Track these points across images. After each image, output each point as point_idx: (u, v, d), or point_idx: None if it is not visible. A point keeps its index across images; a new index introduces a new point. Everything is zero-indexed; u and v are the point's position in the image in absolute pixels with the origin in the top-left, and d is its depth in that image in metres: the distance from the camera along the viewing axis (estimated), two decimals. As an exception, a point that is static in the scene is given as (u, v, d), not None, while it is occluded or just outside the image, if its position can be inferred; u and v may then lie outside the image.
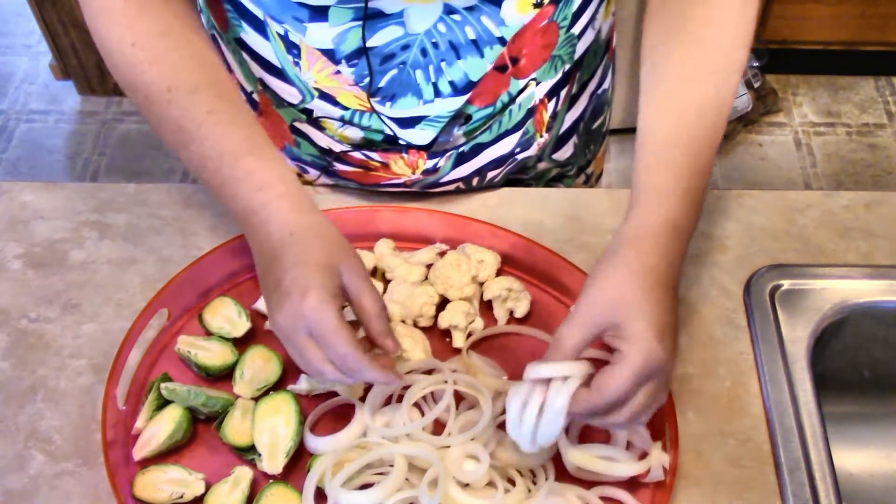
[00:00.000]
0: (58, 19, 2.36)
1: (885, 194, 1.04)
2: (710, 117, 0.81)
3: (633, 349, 0.71)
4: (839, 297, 0.95)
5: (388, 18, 0.83)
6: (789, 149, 2.47)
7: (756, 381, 0.89)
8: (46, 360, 0.90)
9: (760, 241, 1.00)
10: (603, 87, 1.08)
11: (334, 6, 0.82)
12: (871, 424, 1.08)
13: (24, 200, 1.03)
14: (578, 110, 1.04)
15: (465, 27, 0.85)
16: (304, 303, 0.73)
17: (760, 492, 0.82)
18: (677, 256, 0.77)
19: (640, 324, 0.72)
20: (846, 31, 2.39)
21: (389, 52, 0.86)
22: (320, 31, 0.85)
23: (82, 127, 2.54)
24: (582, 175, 1.15)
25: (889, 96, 2.58)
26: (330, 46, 0.86)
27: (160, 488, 0.80)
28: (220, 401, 0.84)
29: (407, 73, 0.88)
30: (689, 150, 0.80)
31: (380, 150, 0.96)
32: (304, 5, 0.83)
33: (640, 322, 0.72)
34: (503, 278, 0.93)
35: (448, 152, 0.97)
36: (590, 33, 0.96)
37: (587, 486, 0.81)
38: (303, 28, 0.85)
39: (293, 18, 0.84)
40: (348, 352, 0.73)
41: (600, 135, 1.15)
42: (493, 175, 1.02)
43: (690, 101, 0.81)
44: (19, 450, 0.85)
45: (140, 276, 0.96)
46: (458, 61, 0.87)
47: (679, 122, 0.81)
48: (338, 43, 0.85)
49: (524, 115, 0.96)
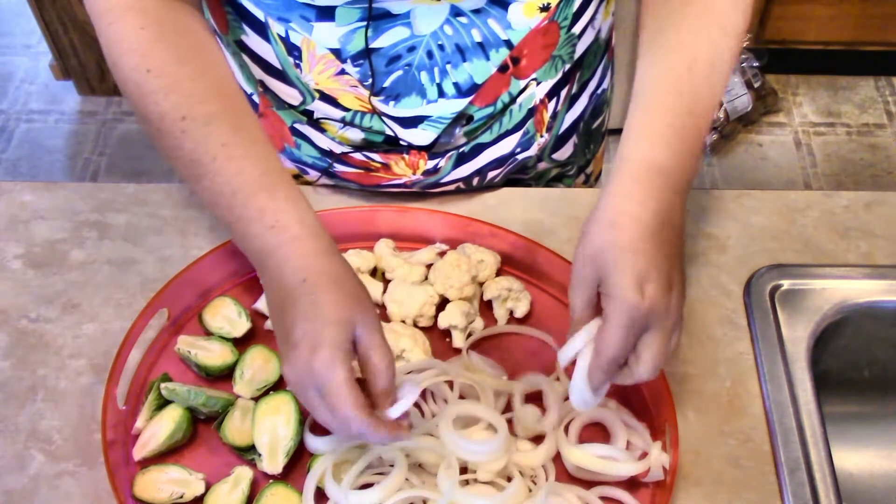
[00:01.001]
0: (58, 19, 2.36)
1: (885, 194, 1.04)
2: (701, 69, 0.79)
3: (611, 305, 0.71)
4: (839, 297, 0.95)
5: (394, 19, 0.83)
6: (789, 149, 2.47)
7: (756, 381, 0.89)
8: (46, 360, 0.90)
9: (760, 241, 1.00)
10: (603, 87, 1.08)
11: (341, 6, 0.82)
12: (871, 424, 1.08)
13: (24, 200, 1.03)
14: (578, 110, 1.04)
15: (472, 30, 0.85)
16: (312, 360, 0.70)
17: (760, 492, 0.82)
18: (660, 196, 0.74)
19: (616, 277, 0.71)
20: (846, 31, 2.39)
21: (395, 53, 0.86)
22: (327, 31, 0.84)
23: (82, 127, 2.54)
24: (582, 175, 1.15)
25: (889, 96, 2.58)
26: (336, 46, 0.86)
27: (160, 488, 0.80)
28: (220, 401, 0.84)
29: (412, 75, 0.88)
30: (671, 92, 0.77)
31: (380, 152, 0.96)
32: (311, 5, 0.83)
33: (616, 275, 0.71)
34: (503, 278, 0.93)
35: (448, 153, 0.97)
36: (590, 33, 0.96)
37: (587, 486, 0.81)
38: (309, 27, 0.85)
39: (300, 17, 0.84)
40: (352, 415, 0.70)
41: (600, 134, 1.15)
42: (493, 175, 1.02)
43: (681, 54, 0.79)
44: (19, 450, 0.85)
45: (140, 276, 0.96)
46: (463, 63, 0.87)
47: (666, 73, 0.79)
48: (344, 43, 0.85)
49: (525, 115, 0.96)
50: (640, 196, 0.73)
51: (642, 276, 0.71)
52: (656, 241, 0.73)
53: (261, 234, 0.76)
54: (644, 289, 0.71)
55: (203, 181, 0.78)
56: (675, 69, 0.79)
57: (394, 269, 0.93)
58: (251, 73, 0.95)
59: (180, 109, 0.77)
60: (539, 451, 0.82)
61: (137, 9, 0.79)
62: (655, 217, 0.73)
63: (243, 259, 0.93)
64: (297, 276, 0.73)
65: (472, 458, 0.79)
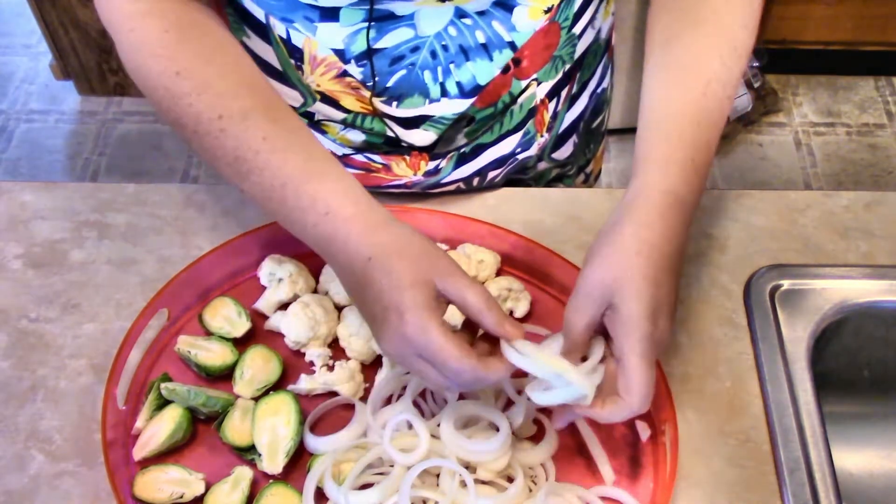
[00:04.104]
0: (58, 19, 2.36)
1: (885, 194, 1.04)
2: (715, 92, 0.79)
3: (629, 336, 0.71)
4: (839, 297, 0.95)
5: (398, 20, 0.83)
6: (789, 149, 2.47)
7: (756, 381, 0.89)
8: (46, 360, 0.90)
9: (760, 241, 1.00)
10: (602, 87, 1.08)
11: (346, 7, 0.82)
12: (871, 424, 1.08)
13: (24, 200, 1.03)
14: (578, 110, 1.04)
15: (476, 31, 0.85)
16: (403, 328, 0.69)
17: (760, 492, 0.82)
18: (679, 230, 0.75)
19: (634, 305, 0.71)
20: (846, 31, 2.39)
21: (399, 53, 0.86)
22: (331, 31, 0.84)
23: (82, 127, 2.54)
24: (581, 174, 1.15)
25: (889, 96, 2.58)
26: (340, 46, 0.85)
27: (160, 488, 0.80)
28: (220, 401, 0.84)
29: (416, 74, 0.88)
30: (692, 122, 0.78)
31: (381, 153, 0.96)
32: (315, 6, 0.82)
33: (634, 303, 0.71)
34: (503, 278, 0.93)
35: (449, 153, 0.97)
36: (590, 33, 0.96)
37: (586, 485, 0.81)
38: (313, 28, 0.84)
39: (304, 18, 0.84)
40: (460, 367, 0.69)
41: (599, 134, 1.15)
42: (493, 175, 1.02)
43: (696, 75, 0.80)
44: (19, 450, 0.85)
45: (140, 276, 0.96)
46: (466, 63, 0.87)
47: (683, 96, 0.79)
48: (348, 43, 0.85)
49: (525, 116, 0.96)
50: (665, 230, 0.74)
51: (658, 309, 0.71)
52: (673, 275, 0.74)
53: (318, 223, 0.75)
54: (657, 320, 0.71)
55: (251, 177, 0.77)
56: (692, 93, 0.79)
57: (394, 269, 0.93)
58: None
59: (215, 108, 0.77)
60: (539, 448, 0.82)
61: (156, 13, 0.79)
62: (676, 251, 0.75)
63: (243, 259, 0.94)
64: (362, 255, 0.73)
65: (475, 458, 0.79)
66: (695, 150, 0.77)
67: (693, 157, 0.77)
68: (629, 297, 0.71)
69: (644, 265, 0.72)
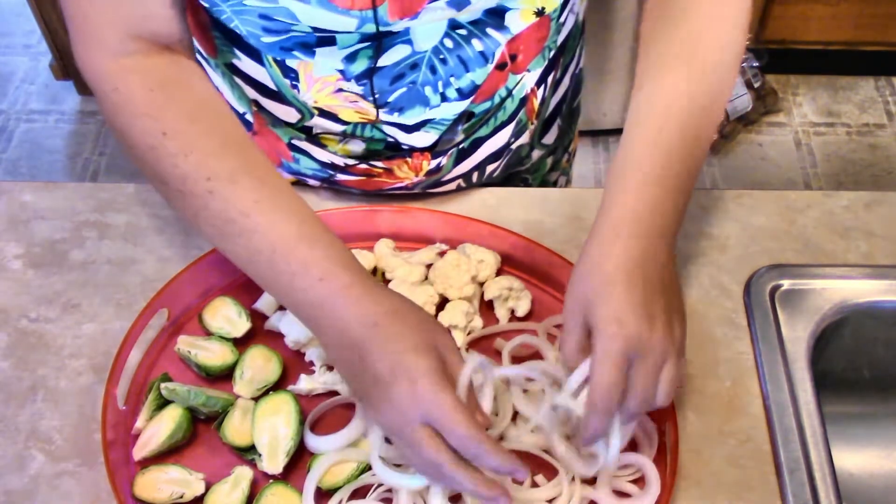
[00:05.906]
0: (58, 19, 2.36)
1: (885, 194, 1.04)
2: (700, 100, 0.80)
3: (597, 342, 0.71)
4: (839, 297, 0.95)
5: (394, 37, 0.82)
6: (789, 149, 2.47)
7: (756, 381, 0.89)
8: (46, 360, 0.90)
9: (760, 241, 1.00)
10: (580, 66, 1.09)
11: (341, 32, 0.81)
12: (871, 424, 1.08)
13: (24, 200, 1.03)
14: (561, 92, 1.05)
15: (472, 40, 0.85)
16: (416, 390, 0.68)
17: (760, 492, 0.82)
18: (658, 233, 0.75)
19: (597, 309, 0.71)
20: (846, 31, 2.39)
21: (399, 71, 0.85)
22: (328, 55, 0.83)
23: (82, 127, 2.54)
24: (566, 154, 1.16)
25: (889, 96, 2.58)
26: (340, 67, 0.84)
27: (160, 488, 0.80)
28: (220, 401, 0.84)
29: (416, 91, 0.87)
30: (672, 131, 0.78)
31: (383, 158, 0.96)
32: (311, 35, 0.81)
33: (597, 308, 0.72)
34: (503, 277, 0.93)
35: (449, 150, 0.97)
36: (570, 18, 0.96)
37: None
38: (311, 53, 0.83)
39: (300, 49, 0.83)
40: (468, 434, 0.68)
41: (577, 111, 1.16)
42: (492, 169, 1.02)
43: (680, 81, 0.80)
44: (19, 450, 0.85)
45: (140, 276, 0.96)
46: (466, 73, 0.87)
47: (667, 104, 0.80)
48: (347, 65, 0.84)
49: (518, 106, 0.96)
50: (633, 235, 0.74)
51: (622, 309, 0.71)
52: (636, 277, 0.73)
53: (310, 287, 0.74)
54: (623, 320, 0.71)
55: (237, 239, 0.76)
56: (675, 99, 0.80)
57: (394, 270, 0.93)
58: (243, 93, 0.94)
59: (203, 170, 0.76)
60: (533, 437, 0.82)
61: (139, 70, 0.78)
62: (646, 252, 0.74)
63: (243, 259, 0.93)
64: (366, 322, 0.72)
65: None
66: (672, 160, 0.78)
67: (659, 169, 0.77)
68: (593, 306, 0.72)
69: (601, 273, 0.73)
